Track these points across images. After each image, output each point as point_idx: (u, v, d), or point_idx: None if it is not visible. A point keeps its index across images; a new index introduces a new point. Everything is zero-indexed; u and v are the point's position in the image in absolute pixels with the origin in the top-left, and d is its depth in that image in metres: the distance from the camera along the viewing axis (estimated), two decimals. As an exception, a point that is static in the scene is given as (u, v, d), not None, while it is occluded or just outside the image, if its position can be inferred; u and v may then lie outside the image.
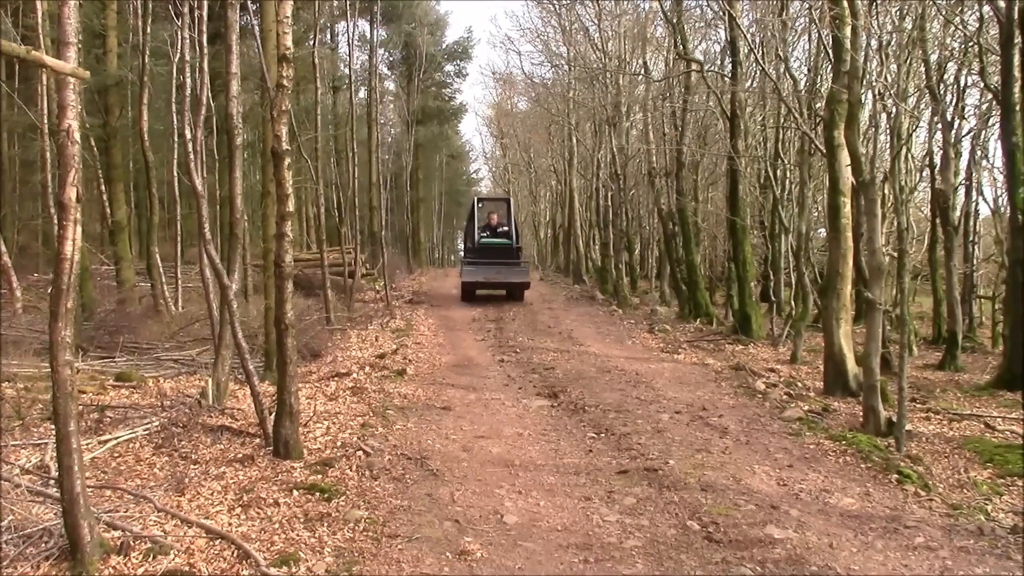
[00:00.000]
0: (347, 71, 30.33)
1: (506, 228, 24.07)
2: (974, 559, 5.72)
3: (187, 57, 11.78)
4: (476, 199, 26.20)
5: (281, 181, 7.71)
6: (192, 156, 10.39)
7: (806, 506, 6.78)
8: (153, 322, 16.78)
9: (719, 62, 22.95)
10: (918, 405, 10.96)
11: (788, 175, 18.98)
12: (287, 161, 7.71)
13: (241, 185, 9.69)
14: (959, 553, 5.82)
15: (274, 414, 7.94)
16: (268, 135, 9.54)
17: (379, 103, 29.62)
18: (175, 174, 18.04)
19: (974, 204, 18.79)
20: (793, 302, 17.07)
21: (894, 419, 9.01)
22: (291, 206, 7.74)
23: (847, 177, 11.38)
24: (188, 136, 10.49)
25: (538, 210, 55.39)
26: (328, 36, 39.47)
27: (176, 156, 17.33)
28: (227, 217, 10.11)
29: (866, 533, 6.18)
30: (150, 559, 5.33)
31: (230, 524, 6.07)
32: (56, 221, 5.29)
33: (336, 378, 11.93)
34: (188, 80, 12.09)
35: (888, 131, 10.90)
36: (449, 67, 51.17)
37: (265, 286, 11.81)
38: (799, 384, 12.28)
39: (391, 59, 46.12)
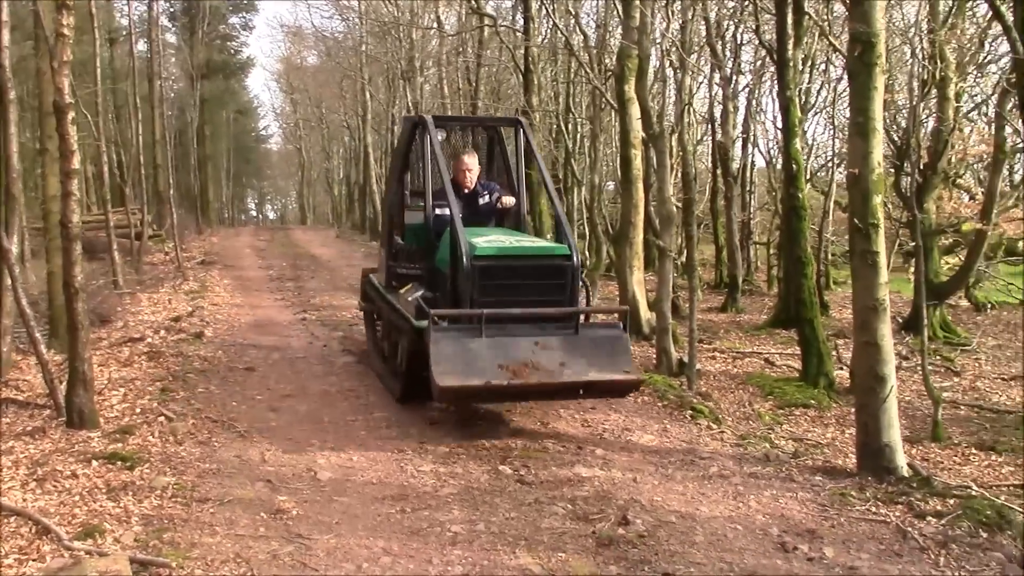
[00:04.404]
0: (125, 22, 28.61)
1: (511, 201, 8.81)
2: (763, 483, 6.19)
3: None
4: (426, 121, 8.36)
5: (65, 136, 7.21)
6: (-43, 111, 9.56)
7: (610, 445, 7.11)
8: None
9: (512, 17, 23.23)
10: (705, 346, 11.66)
11: (580, 129, 19.51)
12: (71, 115, 7.24)
13: (16, 142, 9.02)
14: (749, 479, 6.28)
15: (65, 383, 7.51)
16: (46, 88, 8.92)
17: (161, 56, 27.99)
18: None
19: (750, 156, 19.97)
20: (587, 252, 17.67)
21: (685, 359, 9.57)
22: (76, 163, 7.28)
23: (638, 130, 11.82)
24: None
25: (332, 167, 54.50)
26: (102, -17, 37.10)
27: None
28: (1, 178, 9.36)
29: (666, 467, 6.55)
30: (-64, 543, 4.97)
31: (24, 500, 5.71)
32: None
33: (129, 343, 11.37)
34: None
35: (676, 86, 11.40)
36: (234, 19, 49.38)
37: (47, 250, 11.06)
38: (596, 331, 12.73)
39: (172, 10, 43.80)
